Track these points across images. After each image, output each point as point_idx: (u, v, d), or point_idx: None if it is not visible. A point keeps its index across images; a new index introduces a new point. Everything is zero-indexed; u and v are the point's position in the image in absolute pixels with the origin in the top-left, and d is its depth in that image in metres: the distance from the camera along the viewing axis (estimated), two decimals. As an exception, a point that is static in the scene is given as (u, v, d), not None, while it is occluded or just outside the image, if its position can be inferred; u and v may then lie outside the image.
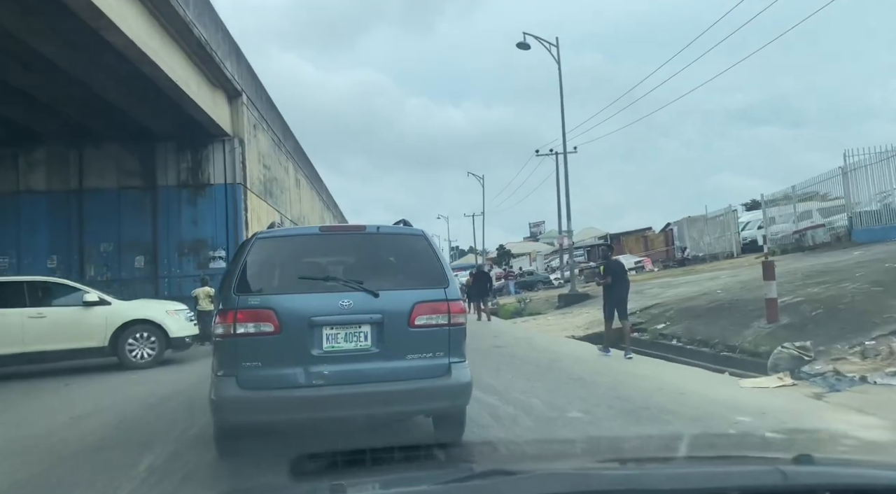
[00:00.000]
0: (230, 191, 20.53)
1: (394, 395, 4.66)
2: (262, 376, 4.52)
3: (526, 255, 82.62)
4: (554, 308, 23.10)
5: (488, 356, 11.71)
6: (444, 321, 4.78)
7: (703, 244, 43.25)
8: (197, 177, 20.54)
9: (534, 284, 47.11)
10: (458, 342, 4.88)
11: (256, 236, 5.14)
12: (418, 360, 4.71)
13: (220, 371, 4.62)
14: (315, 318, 4.60)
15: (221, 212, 20.48)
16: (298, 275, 4.91)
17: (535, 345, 13.23)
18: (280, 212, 26.96)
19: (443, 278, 4.93)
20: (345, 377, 4.61)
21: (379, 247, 5.29)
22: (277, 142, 27.21)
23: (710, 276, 21.42)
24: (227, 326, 4.56)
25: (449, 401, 4.89)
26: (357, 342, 4.69)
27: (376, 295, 4.69)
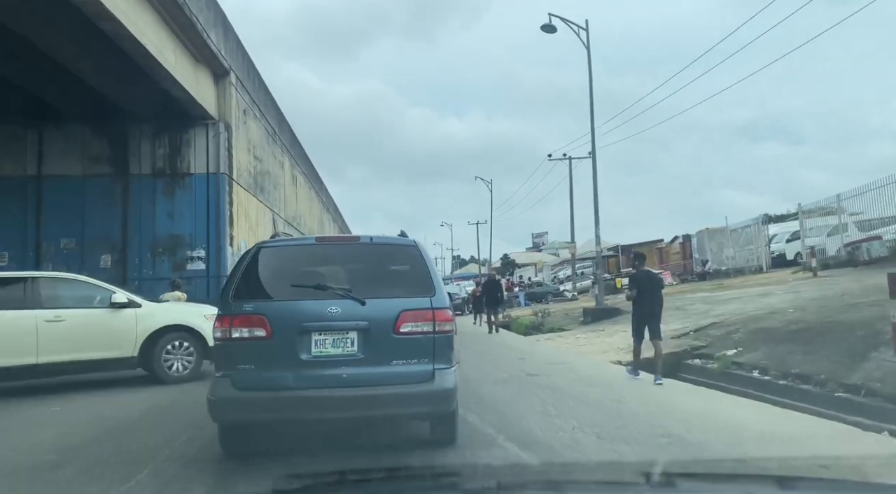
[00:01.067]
0: (213, 182, 17.90)
1: (377, 399, 4.80)
2: (255, 378, 4.75)
3: (531, 266, 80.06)
4: (578, 323, 20.41)
5: (524, 388, 9.05)
6: (429, 328, 4.89)
7: (724, 257, 40.70)
8: (175, 164, 17.91)
9: (543, 295, 44.39)
10: (443, 349, 4.95)
11: (258, 245, 5.46)
12: (402, 366, 4.86)
13: (218, 372, 4.91)
14: (305, 324, 4.82)
15: (202, 205, 17.85)
16: (291, 283, 5.06)
17: (578, 374, 10.55)
18: (273, 209, 24.32)
19: (430, 287, 5.05)
20: (331, 380, 4.77)
21: (372, 256, 5.48)
22: (272, 134, 24.60)
23: (759, 292, 18.75)
24: (225, 331, 4.81)
25: (431, 406, 5.00)
26: (344, 347, 4.84)
27: (363, 302, 4.85)
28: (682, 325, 14.87)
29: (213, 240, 17.76)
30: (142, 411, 7.90)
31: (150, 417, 7.60)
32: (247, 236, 20.30)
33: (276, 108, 25.81)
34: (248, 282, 5.13)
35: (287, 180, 27.70)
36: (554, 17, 20.72)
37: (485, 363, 12.34)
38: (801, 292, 16.22)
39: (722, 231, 45.82)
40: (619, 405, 7.82)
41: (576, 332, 17.97)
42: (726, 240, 42.68)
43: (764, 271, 33.64)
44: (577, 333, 17.62)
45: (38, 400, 8.84)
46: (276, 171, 25.34)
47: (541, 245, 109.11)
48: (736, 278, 32.56)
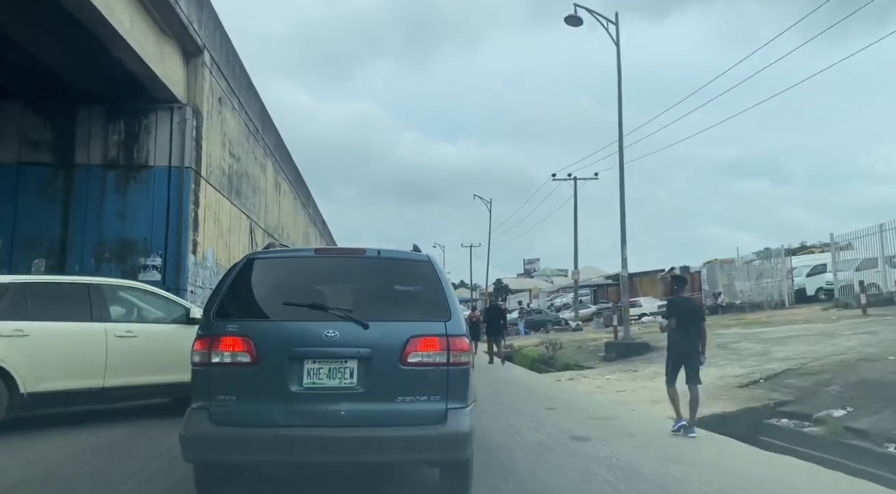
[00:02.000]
0: (176, 178, 15.00)
1: (379, 442, 4.10)
2: (235, 411, 4.11)
3: (525, 291, 77.34)
4: (599, 359, 17.55)
5: (577, 463, 6.22)
6: (442, 359, 4.20)
7: (737, 291, 38.11)
8: (131, 154, 15.01)
9: (543, 324, 41.55)
10: (458, 384, 4.24)
11: (248, 257, 4.85)
12: (410, 403, 4.14)
13: (194, 403, 4.21)
14: (297, 350, 4.18)
15: (162, 204, 14.92)
16: (284, 301, 4.39)
17: (643, 439, 7.69)
18: (251, 216, 21.41)
19: (445, 310, 4.37)
20: (325, 418, 4.10)
21: (378, 272, 4.71)
22: (253, 132, 21.78)
23: (818, 330, 15.97)
24: (204, 354, 4.20)
25: (442, 453, 4.24)
26: (341, 379, 4.17)
27: (366, 326, 4.21)
28: (741, 370, 12.07)
29: (173, 247, 14.82)
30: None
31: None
32: (215, 244, 17.35)
33: (260, 104, 23.02)
34: (235, 298, 4.50)
35: (269, 186, 24.82)
36: (580, 8, 18.17)
37: (505, 412, 9.48)
38: (879, 333, 13.46)
39: (731, 263, 43.43)
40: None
41: (602, 371, 15.07)
42: (738, 273, 40.21)
43: (786, 307, 31.00)
44: (605, 373, 14.73)
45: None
46: (256, 174, 22.47)
47: (532, 271, 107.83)
48: (757, 313, 29.83)
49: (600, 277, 63.52)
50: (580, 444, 7.27)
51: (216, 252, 17.43)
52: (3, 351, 6.88)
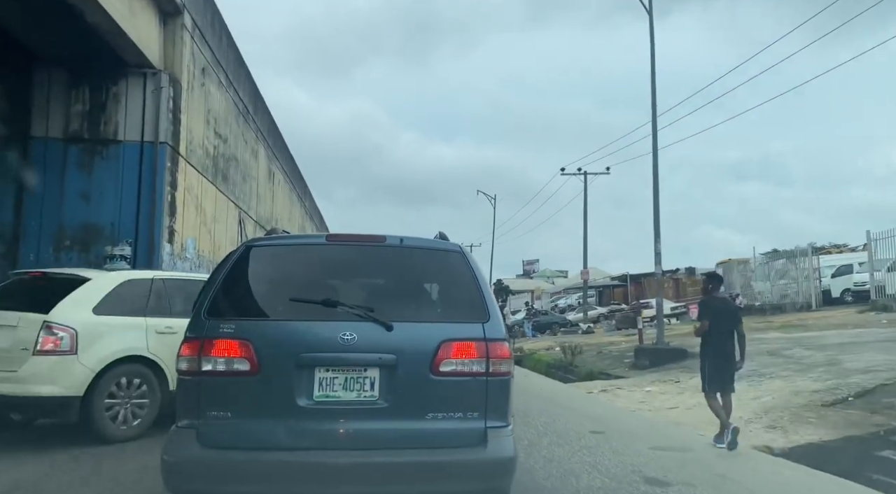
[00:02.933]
0: (149, 155, 12.99)
1: (406, 469, 3.41)
2: (230, 431, 3.43)
3: (527, 292, 75.46)
4: (628, 366, 15.58)
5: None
6: (480, 368, 3.58)
7: (756, 292, 36.21)
8: (97, 127, 13.01)
9: (549, 325, 39.62)
10: (499, 398, 3.60)
11: (246, 244, 4.12)
12: (443, 421, 3.51)
13: (180, 420, 3.51)
14: (305, 356, 3.49)
15: (132, 185, 12.93)
16: (290, 297, 3.70)
17: (737, 482, 5.72)
18: (240, 205, 19.41)
19: (482, 309, 3.72)
20: (340, 439, 3.45)
21: (401, 264, 4.00)
22: (243, 112, 19.78)
23: (880, 336, 14.04)
24: (192, 360, 3.49)
25: (482, 482, 3.50)
26: (360, 391, 3.51)
27: (390, 327, 3.55)
28: (817, 384, 10.12)
29: (145, 234, 12.83)
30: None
31: None
32: (197, 233, 15.35)
33: (252, 84, 21.02)
34: (231, 293, 3.77)
35: (261, 174, 22.81)
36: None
37: (542, 437, 7.57)
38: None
39: (746, 263, 41.59)
40: None
41: (638, 382, 13.09)
42: (756, 274, 38.33)
43: (813, 309, 29.07)
44: (643, 384, 12.75)
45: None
46: (246, 159, 20.46)
47: (532, 272, 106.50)
48: (783, 316, 27.89)
49: (605, 278, 61.53)
50: (661, 491, 5.31)
51: (198, 242, 15.43)
52: (157, 349, 6.88)
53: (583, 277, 39.73)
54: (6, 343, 6.36)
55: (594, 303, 51.14)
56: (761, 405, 9.16)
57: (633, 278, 53.55)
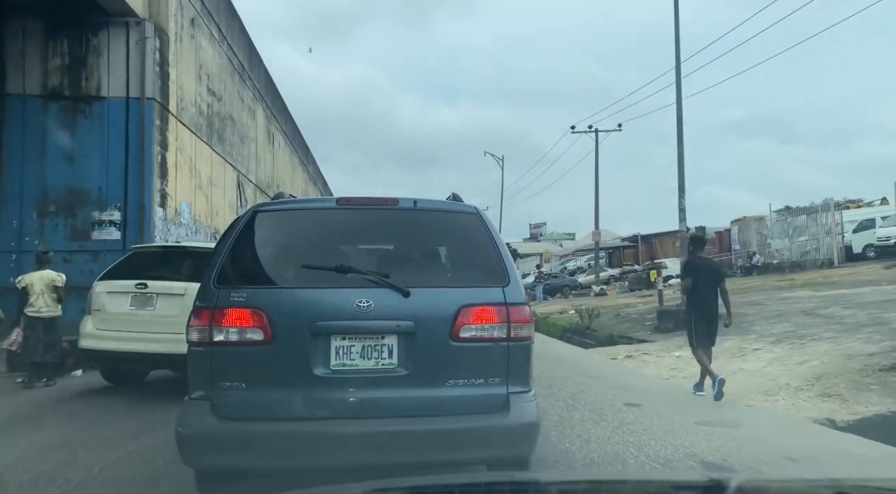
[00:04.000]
0: (136, 112, 12.05)
1: (428, 437, 3.33)
2: (246, 402, 3.32)
3: (535, 256, 74.63)
4: (651, 329, 14.75)
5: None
6: (501, 333, 3.47)
7: (773, 250, 35.27)
8: (78, 82, 12.05)
9: (560, 288, 38.83)
10: (520, 363, 3.51)
11: (253, 209, 3.90)
12: (464, 388, 3.42)
13: (192, 392, 3.39)
14: (321, 323, 3.38)
15: (119, 145, 12.03)
16: (302, 264, 3.57)
17: (808, 466, 4.90)
18: (238, 168, 18.49)
19: (501, 273, 3.57)
20: (359, 408, 3.35)
21: (415, 227, 3.89)
22: (238, 70, 18.72)
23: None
24: (203, 331, 3.37)
25: (506, 449, 3.47)
26: (378, 359, 3.42)
27: (407, 293, 3.42)
28: (870, 346, 9.28)
29: (135, 198, 11.97)
30: None
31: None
32: (192, 197, 14.48)
33: (246, 37, 19.89)
34: (240, 260, 3.64)
35: (260, 135, 21.82)
36: None
37: (573, 410, 6.84)
38: None
39: (762, 221, 40.54)
40: None
41: (665, 346, 12.27)
42: (773, 230, 37.32)
43: (835, 265, 28.12)
44: (670, 348, 11.93)
45: None
46: (244, 120, 19.46)
47: (539, 235, 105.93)
48: (804, 274, 26.97)
49: (615, 239, 60.55)
50: (727, 479, 4.45)
51: (194, 206, 14.58)
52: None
53: (594, 238, 38.78)
54: (176, 310, 6.99)
55: (604, 265, 50.31)
56: (811, 370, 8.33)
57: (645, 238, 52.63)
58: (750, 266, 35.14)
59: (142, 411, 6.78)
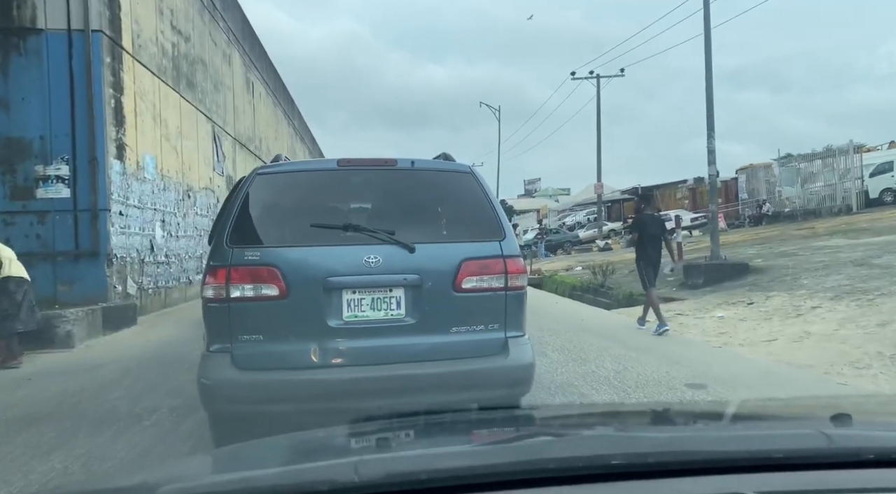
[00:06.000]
0: (80, 47, 10.24)
1: (434, 379, 3.66)
2: (264, 353, 3.60)
3: (532, 212, 73.09)
4: (677, 286, 13.27)
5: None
6: (499, 283, 3.82)
7: (783, 198, 33.84)
8: (7, 11, 10.19)
9: (560, 244, 37.41)
10: (516, 311, 3.90)
11: (256, 171, 4.13)
12: (466, 334, 3.78)
13: (211, 345, 3.67)
14: (332, 279, 3.66)
15: (62, 87, 10.26)
16: (311, 223, 3.79)
17: None
18: (212, 119, 16.67)
19: (497, 228, 3.93)
20: (371, 355, 3.67)
21: (414, 186, 4.16)
22: (209, 7, 16.74)
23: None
24: (219, 288, 3.61)
25: (506, 388, 3.85)
26: (387, 310, 3.74)
27: (412, 249, 3.74)
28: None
29: (84, 149, 10.25)
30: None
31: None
32: (158, 149, 12.76)
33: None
34: (249, 221, 3.84)
35: (237, 84, 19.90)
36: None
37: (631, 398, 5.34)
38: None
39: (768, 168, 39.00)
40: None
41: (701, 305, 10.78)
42: (779, 178, 35.83)
43: (854, 212, 26.67)
44: (707, 307, 10.45)
45: None
46: (217, 65, 17.55)
47: (534, 191, 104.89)
48: (821, 221, 25.55)
49: (613, 192, 58.91)
50: None
51: (160, 160, 12.86)
52: None
53: (596, 190, 37.21)
54: None
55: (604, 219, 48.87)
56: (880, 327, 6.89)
57: (645, 190, 51.00)
58: (760, 215, 33.73)
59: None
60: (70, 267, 10.18)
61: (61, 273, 10.07)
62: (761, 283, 11.39)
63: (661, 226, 9.34)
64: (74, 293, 10.03)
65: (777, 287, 10.78)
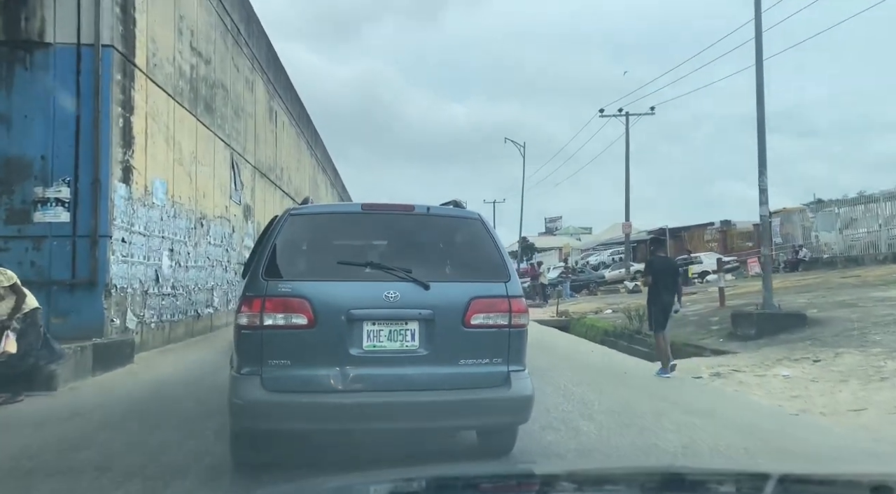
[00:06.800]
0: (89, 63, 9.58)
1: (443, 406, 4.09)
2: (291, 377, 3.99)
3: (553, 250, 71.91)
4: (724, 336, 12.10)
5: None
6: (503, 321, 4.21)
7: (821, 243, 32.53)
8: (15, 23, 9.58)
9: (586, 284, 36.23)
10: (518, 347, 4.28)
11: (289, 212, 4.61)
12: (473, 366, 4.16)
13: (242, 368, 4.05)
14: (355, 311, 4.06)
15: (68, 103, 9.58)
16: (337, 260, 4.32)
17: None
18: (231, 145, 16.01)
19: (503, 270, 4.35)
20: (387, 382, 4.06)
21: (429, 230, 4.64)
22: (234, 33, 16.24)
23: None
24: (253, 316, 4.00)
25: (508, 417, 4.34)
26: (403, 341, 4.11)
27: (427, 286, 4.12)
28: None
29: (87, 171, 9.52)
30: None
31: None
32: (170, 174, 12.03)
33: (246, 2, 17.39)
34: (283, 257, 4.26)
35: (260, 111, 19.32)
36: None
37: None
38: None
39: (802, 212, 37.76)
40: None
41: (758, 360, 9.61)
42: (815, 223, 34.58)
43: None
44: (767, 363, 9.28)
45: None
46: (239, 91, 16.97)
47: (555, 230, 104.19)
48: (865, 269, 24.20)
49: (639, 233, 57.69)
50: None
51: (172, 185, 12.12)
52: None
53: (624, 230, 36.11)
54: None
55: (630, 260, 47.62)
56: None
57: (673, 232, 49.78)
58: (796, 260, 32.34)
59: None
60: (65, 297, 9.36)
61: (55, 304, 9.23)
62: (824, 337, 10.23)
63: (673, 270, 9.28)
64: (68, 326, 9.16)
65: (844, 342, 9.62)
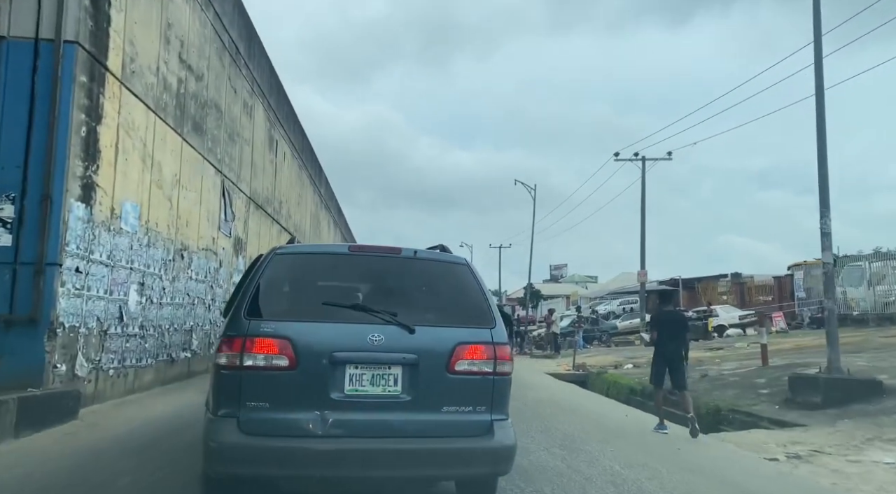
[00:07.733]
0: (47, 60, 8.15)
1: (425, 455, 3.94)
2: (269, 420, 3.82)
3: (561, 298, 70.04)
4: (781, 404, 10.32)
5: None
6: (488, 368, 4.07)
7: (849, 300, 30.73)
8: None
9: (598, 335, 34.37)
10: (502, 395, 4.14)
11: (274, 250, 4.49)
12: (456, 414, 4.01)
13: (219, 410, 3.87)
14: (338, 353, 3.91)
15: (20, 107, 8.14)
16: (322, 301, 4.12)
17: None
18: (223, 171, 14.54)
19: (488, 316, 4.24)
20: (368, 428, 3.91)
21: (415, 274, 4.53)
22: (231, 51, 14.95)
23: None
24: (233, 356, 3.84)
25: (489, 467, 4.17)
26: (385, 386, 3.96)
27: (412, 330, 4.00)
28: None
29: (36, 185, 7.99)
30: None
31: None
32: (145, 197, 10.49)
33: (243, 15, 16.18)
34: (266, 296, 4.11)
35: (258, 138, 17.94)
36: None
37: None
38: None
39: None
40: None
41: (840, 439, 7.83)
42: (841, 278, 32.82)
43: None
44: (853, 442, 7.50)
45: None
46: (235, 114, 15.60)
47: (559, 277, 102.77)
48: None
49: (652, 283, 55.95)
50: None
51: (148, 210, 10.57)
52: None
53: (639, 279, 34.40)
54: None
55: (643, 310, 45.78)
56: None
57: (686, 282, 48.06)
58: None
59: None
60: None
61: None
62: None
63: (682, 324, 9.07)
64: (1, 372, 7.51)
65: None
